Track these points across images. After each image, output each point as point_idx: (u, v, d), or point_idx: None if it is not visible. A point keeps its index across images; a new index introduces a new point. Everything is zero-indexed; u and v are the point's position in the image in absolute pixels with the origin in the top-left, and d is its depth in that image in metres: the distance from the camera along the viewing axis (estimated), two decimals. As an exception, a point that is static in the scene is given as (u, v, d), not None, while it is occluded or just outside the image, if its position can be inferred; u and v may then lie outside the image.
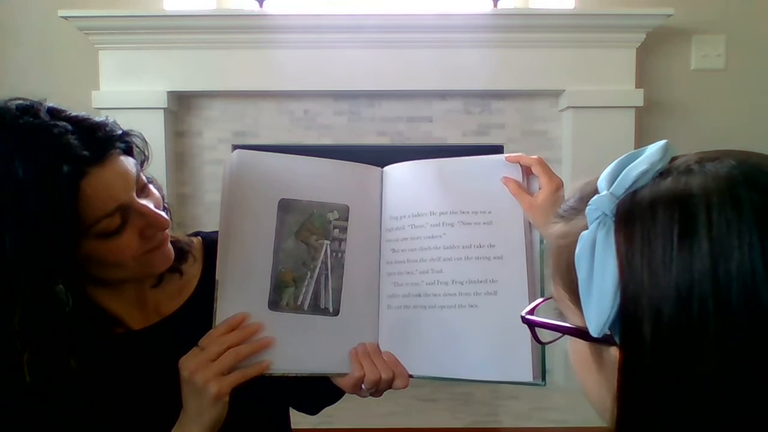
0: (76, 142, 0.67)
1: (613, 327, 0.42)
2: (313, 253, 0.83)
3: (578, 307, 0.45)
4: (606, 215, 0.43)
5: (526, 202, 0.82)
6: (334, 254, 0.84)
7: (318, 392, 0.91)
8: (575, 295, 0.45)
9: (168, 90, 2.23)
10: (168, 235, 0.78)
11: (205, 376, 0.73)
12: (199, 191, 2.39)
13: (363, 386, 0.82)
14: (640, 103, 2.25)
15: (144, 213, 0.73)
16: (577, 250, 0.44)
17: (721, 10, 2.34)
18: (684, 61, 2.38)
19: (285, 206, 0.83)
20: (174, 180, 2.34)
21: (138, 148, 0.78)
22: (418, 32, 2.22)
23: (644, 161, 0.44)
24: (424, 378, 0.84)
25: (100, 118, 0.73)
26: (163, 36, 2.22)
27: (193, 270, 0.87)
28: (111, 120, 0.74)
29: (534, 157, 0.85)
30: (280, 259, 0.82)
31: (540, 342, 0.54)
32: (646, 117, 2.34)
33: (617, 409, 0.43)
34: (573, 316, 0.47)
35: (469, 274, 0.82)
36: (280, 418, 0.95)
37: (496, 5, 2.28)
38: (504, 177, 0.84)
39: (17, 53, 2.33)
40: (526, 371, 0.78)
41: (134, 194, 0.72)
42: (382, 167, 0.91)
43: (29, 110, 0.68)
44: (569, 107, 2.27)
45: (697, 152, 0.45)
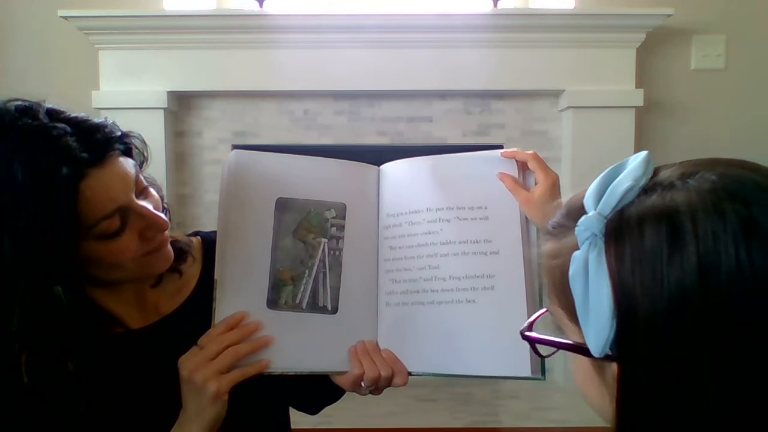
0: (75, 144, 0.67)
1: (612, 345, 0.43)
2: (310, 251, 0.83)
3: (576, 324, 0.46)
4: (595, 235, 0.43)
5: (522, 197, 0.83)
6: (331, 252, 0.84)
7: (318, 391, 0.91)
8: (572, 314, 0.46)
9: (168, 90, 2.23)
10: (167, 236, 0.79)
11: (204, 375, 0.73)
12: (199, 191, 2.39)
13: (362, 384, 0.82)
14: (640, 103, 2.25)
15: (143, 214, 0.73)
16: (570, 271, 0.44)
17: (721, 10, 2.34)
18: (684, 61, 2.37)
19: (282, 205, 0.83)
20: (174, 180, 2.34)
21: (137, 149, 0.78)
22: (418, 32, 2.22)
23: (628, 177, 0.44)
24: (424, 375, 0.84)
25: (100, 120, 0.73)
26: (163, 36, 2.22)
27: (192, 270, 0.87)
28: (110, 121, 0.74)
29: (529, 152, 0.85)
30: (278, 258, 0.82)
31: (540, 356, 0.55)
32: (646, 117, 2.34)
33: (617, 421, 0.43)
34: (572, 333, 0.48)
35: (466, 269, 0.82)
36: (280, 418, 0.95)
37: (496, 5, 2.28)
38: (500, 173, 0.84)
39: (17, 53, 2.33)
40: (524, 366, 0.78)
41: (133, 196, 0.72)
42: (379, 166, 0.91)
43: (28, 111, 0.68)
44: (569, 107, 2.27)
45: (679, 164, 0.45)
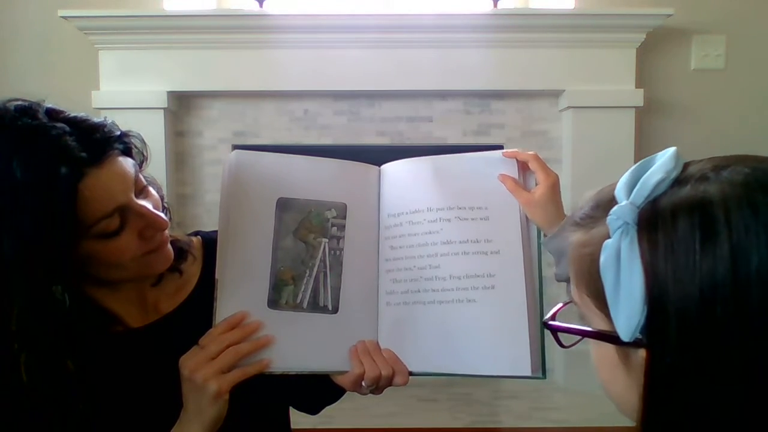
0: (74, 144, 0.67)
1: (642, 330, 0.44)
2: (311, 251, 0.83)
3: (604, 312, 0.47)
4: (628, 224, 0.44)
5: (524, 198, 0.83)
6: (332, 252, 0.84)
7: (318, 391, 0.91)
8: (601, 301, 0.47)
9: (168, 90, 2.24)
10: (168, 236, 0.78)
11: (204, 374, 0.73)
12: (199, 191, 2.39)
13: (363, 383, 0.82)
14: (640, 103, 2.26)
15: (143, 214, 0.72)
16: (602, 258, 0.45)
17: (721, 10, 2.34)
18: (684, 61, 2.38)
19: (283, 205, 0.83)
20: (174, 180, 2.34)
21: (137, 148, 0.78)
22: (418, 32, 2.23)
23: (660, 170, 0.45)
24: (424, 374, 0.84)
25: (99, 119, 0.72)
26: (163, 36, 2.23)
27: (192, 269, 0.87)
28: (109, 121, 0.74)
29: (530, 153, 0.85)
30: (279, 258, 0.82)
31: (562, 346, 0.56)
32: (646, 117, 2.34)
33: (642, 408, 0.44)
34: (598, 321, 0.49)
35: (466, 269, 0.82)
36: (280, 418, 0.95)
37: (496, 5, 2.28)
38: (501, 174, 0.84)
39: (17, 53, 2.33)
40: (524, 365, 0.78)
41: (133, 195, 0.72)
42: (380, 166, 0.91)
43: (28, 111, 0.68)
44: (569, 107, 2.27)
45: (709, 159, 0.47)
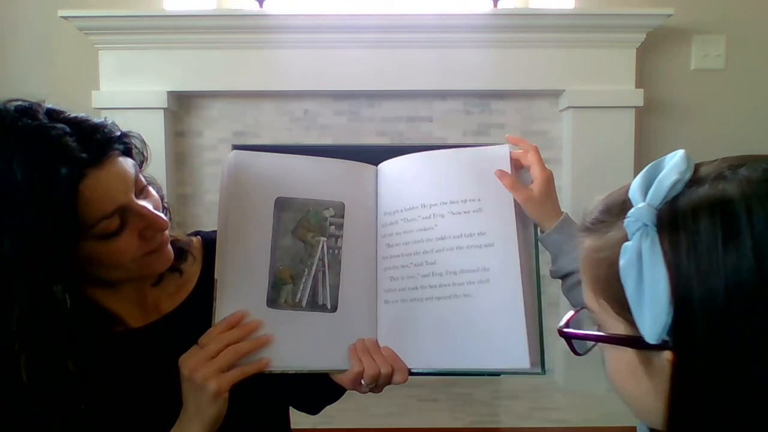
0: (74, 144, 0.67)
1: (668, 332, 0.43)
2: (310, 250, 0.83)
3: (623, 316, 0.47)
4: (647, 226, 0.44)
5: (522, 195, 0.83)
6: (330, 251, 0.84)
7: (318, 391, 0.91)
8: (620, 305, 0.46)
9: (168, 90, 2.24)
10: (168, 237, 0.79)
11: (204, 373, 0.73)
12: (200, 191, 2.39)
13: (362, 382, 0.82)
14: (640, 103, 2.25)
15: (143, 214, 0.73)
16: (622, 261, 0.45)
17: (721, 10, 2.34)
18: (684, 61, 2.38)
19: (281, 204, 0.83)
20: (174, 180, 2.35)
21: (137, 149, 0.78)
22: (418, 32, 2.23)
23: (673, 171, 0.45)
24: (424, 372, 0.84)
25: (99, 120, 0.73)
26: (163, 36, 2.23)
27: (192, 269, 0.87)
28: (110, 121, 0.74)
29: (533, 144, 0.86)
30: (278, 257, 0.82)
31: (577, 353, 0.55)
32: (646, 117, 2.34)
33: (669, 411, 0.44)
34: (617, 325, 0.48)
35: (461, 263, 0.82)
36: (280, 418, 0.95)
37: (496, 5, 2.28)
38: (498, 170, 0.84)
39: (18, 53, 2.33)
40: (522, 357, 0.78)
41: (133, 195, 0.72)
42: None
43: (28, 112, 0.68)
44: (569, 107, 2.27)
45: (721, 159, 0.47)
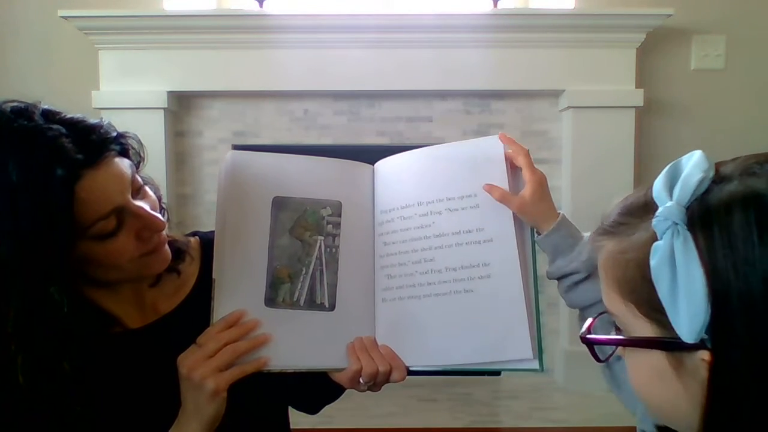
0: (70, 145, 0.67)
1: (707, 330, 0.43)
2: (307, 249, 0.83)
3: (652, 317, 0.46)
4: (677, 224, 0.44)
5: (516, 204, 0.82)
6: (328, 250, 0.84)
7: (317, 390, 0.91)
8: (649, 306, 0.46)
9: (168, 90, 2.24)
10: (165, 237, 0.78)
11: (202, 372, 0.73)
12: (199, 191, 2.40)
13: (361, 380, 0.82)
14: (640, 103, 2.25)
15: (139, 215, 0.72)
16: (653, 262, 0.44)
17: (721, 10, 2.34)
18: (684, 61, 2.38)
19: (279, 204, 0.83)
20: (174, 180, 2.35)
21: (133, 149, 0.78)
22: (418, 32, 2.23)
23: (696, 170, 0.45)
24: (422, 369, 0.84)
25: (95, 120, 0.72)
26: (163, 36, 2.23)
27: (190, 269, 0.87)
28: (106, 122, 0.74)
29: (524, 147, 0.85)
30: (276, 256, 0.82)
31: (599, 360, 0.54)
32: (646, 117, 2.34)
33: (705, 412, 0.44)
34: (644, 327, 0.47)
35: (461, 260, 0.82)
36: (280, 418, 0.95)
37: (496, 5, 2.28)
38: (486, 185, 0.83)
39: (17, 53, 2.34)
40: (525, 350, 0.78)
41: (129, 196, 0.72)
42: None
43: (24, 113, 0.68)
44: (569, 107, 2.27)
45: (744, 157, 0.47)
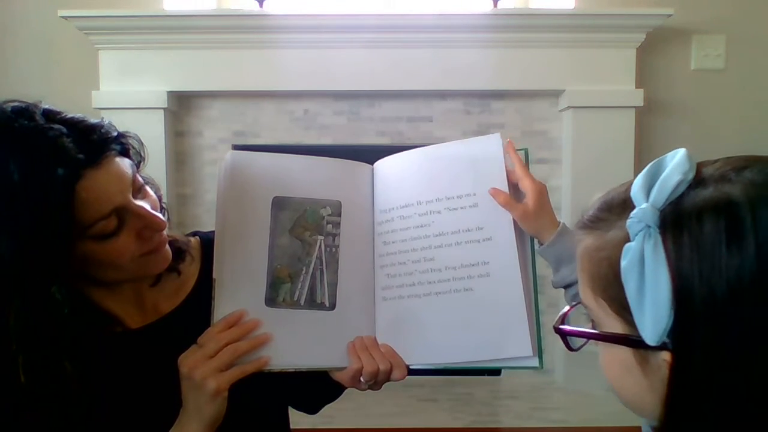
0: (71, 145, 0.67)
1: (668, 334, 0.43)
2: (307, 248, 0.83)
3: (621, 315, 0.47)
4: (650, 227, 0.44)
5: (519, 212, 0.82)
6: (328, 249, 0.84)
7: (317, 390, 0.92)
8: (619, 305, 0.46)
9: (168, 90, 2.24)
10: (166, 237, 0.79)
11: (203, 372, 0.73)
12: (200, 191, 2.40)
13: (361, 379, 0.82)
14: (640, 103, 2.25)
15: (140, 214, 0.73)
16: (623, 262, 0.45)
17: (721, 10, 2.34)
18: (684, 61, 2.38)
19: (279, 204, 0.84)
20: (174, 180, 2.35)
21: (134, 149, 0.78)
22: (418, 32, 2.23)
23: (676, 171, 0.45)
24: (423, 368, 0.85)
25: (96, 120, 0.73)
26: (163, 36, 2.23)
27: (191, 269, 0.87)
28: (107, 122, 0.74)
29: (519, 159, 0.85)
30: (276, 256, 0.82)
31: (571, 349, 0.55)
32: (646, 117, 2.34)
33: (665, 410, 0.44)
34: (614, 324, 0.48)
35: (461, 258, 0.82)
36: (280, 418, 0.95)
37: (496, 5, 2.28)
38: (492, 189, 0.83)
39: (17, 53, 2.34)
40: (525, 348, 0.79)
41: (130, 196, 0.72)
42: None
43: (24, 113, 0.68)
44: (569, 107, 2.27)
45: (724, 159, 0.46)
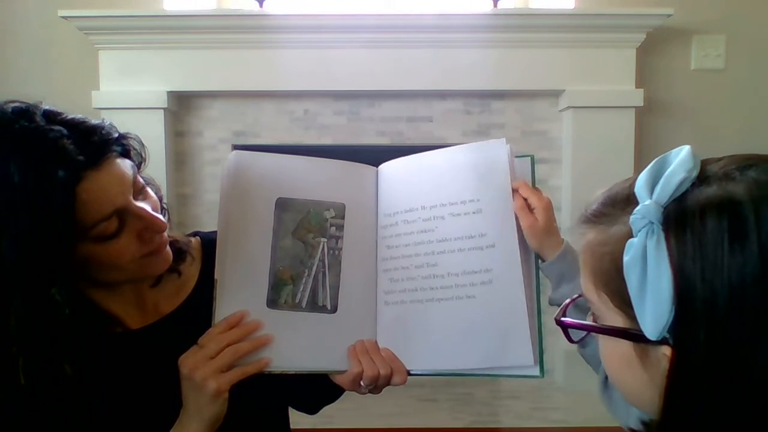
0: (71, 147, 0.66)
1: (669, 330, 0.44)
2: (310, 251, 0.83)
3: (623, 309, 0.47)
4: (653, 224, 0.44)
5: (528, 222, 0.82)
6: (331, 252, 0.84)
7: (317, 391, 0.91)
8: (621, 299, 0.47)
9: (168, 90, 2.24)
10: (166, 238, 0.78)
11: (204, 373, 0.73)
12: (200, 191, 2.39)
13: (361, 383, 0.82)
14: (640, 103, 2.25)
15: (141, 216, 0.72)
16: (626, 258, 0.45)
17: (721, 10, 2.34)
18: (684, 61, 2.38)
19: (282, 205, 0.83)
20: (174, 180, 2.35)
21: (135, 150, 0.78)
22: (418, 32, 2.23)
23: (680, 169, 0.45)
24: (423, 373, 0.84)
25: (97, 121, 0.72)
26: (163, 36, 2.23)
27: (191, 270, 0.87)
28: (108, 123, 0.73)
29: (518, 182, 0.84)
30: (278, 258, 0.82)
31: (572, 341, 0.56)
32: (646, 117, 2.34)
33: (664, 404, 0.45)
34: (615, 318, 0.49)
35: (463, 265, 0.82)
36: (280, 418, 0.95)
37: (496, 5, 2.28)
38: (516, 187, 0.83)
39: (17, 53, 2.33)
40: (526, 357, 0.78)
41: (131, 197, 0.72)
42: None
43: (25, 114, 0.68)
44: (569, 107, 2.27)
45: (729, 157, 0.47)
